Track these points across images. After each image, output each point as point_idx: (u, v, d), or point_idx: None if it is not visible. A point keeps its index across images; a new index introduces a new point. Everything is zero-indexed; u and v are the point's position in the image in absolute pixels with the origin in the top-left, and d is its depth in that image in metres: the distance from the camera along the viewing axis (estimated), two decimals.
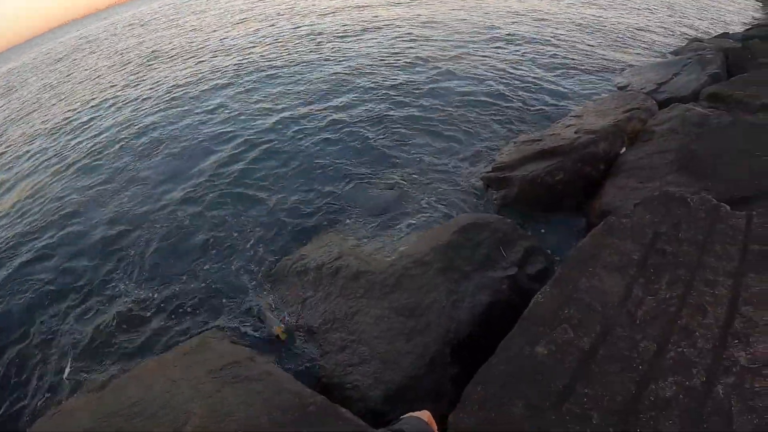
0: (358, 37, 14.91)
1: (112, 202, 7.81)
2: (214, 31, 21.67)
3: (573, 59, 11.78)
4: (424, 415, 1.55)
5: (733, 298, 2.89)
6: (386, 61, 12.00)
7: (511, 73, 10.47)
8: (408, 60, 11.99)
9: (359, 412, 3.34)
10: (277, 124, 9.31)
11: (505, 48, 12.70)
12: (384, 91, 9.89)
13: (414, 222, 5.72)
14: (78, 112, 14.04)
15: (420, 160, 7.07)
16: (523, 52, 12.37)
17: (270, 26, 19.20)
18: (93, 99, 15.06)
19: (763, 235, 3.30)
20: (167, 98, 12.66)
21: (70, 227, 7.39)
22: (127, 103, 13.34)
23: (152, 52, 20.62)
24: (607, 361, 2.62)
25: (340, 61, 12.64)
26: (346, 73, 11.55)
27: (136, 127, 11.05)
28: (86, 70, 21.74)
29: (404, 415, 1.51)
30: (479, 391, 2.66)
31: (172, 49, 19.72)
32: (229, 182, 7.53)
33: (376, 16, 16.99)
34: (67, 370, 4.80)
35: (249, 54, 15.27)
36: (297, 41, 15.67)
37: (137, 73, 17.05)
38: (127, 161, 9.27)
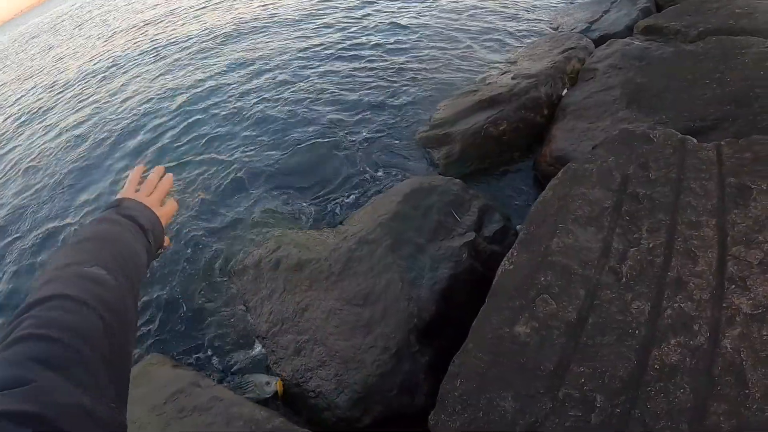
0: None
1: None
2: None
3: (496, 6, 11.41)
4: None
5: (722, 238, 2.59)
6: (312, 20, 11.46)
7: (430, 30, 10.01)
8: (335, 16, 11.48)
9: (330, 422, 3.03)
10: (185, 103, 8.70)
11: (420, 9, 12.20)
12: (312, 52, 9.43)
13: (354, 194, 5.29)
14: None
15: (354, 125, 6.59)
16: (437, 8, 11.90)
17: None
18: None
19: (737, 165, 3.01)
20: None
21: None
22: None
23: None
24: (599, 330, 2.27)
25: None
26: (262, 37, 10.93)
27: None
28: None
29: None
30: (458, 386, 2.27)
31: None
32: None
33: None
34: None
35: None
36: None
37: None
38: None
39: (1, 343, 0.68)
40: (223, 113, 7.83)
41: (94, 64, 13.88)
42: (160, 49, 12.97)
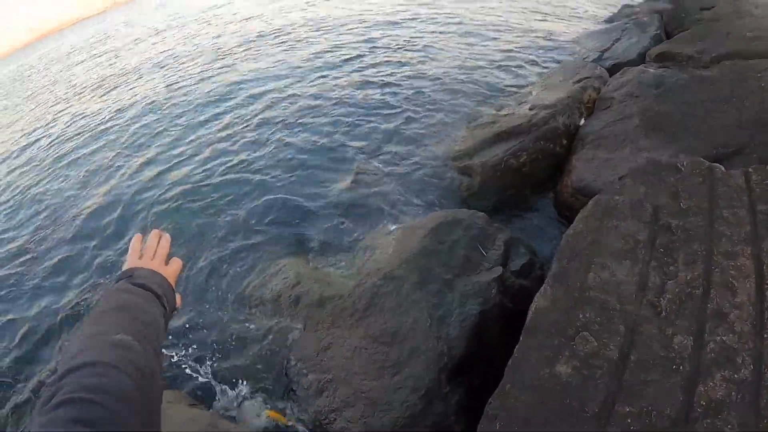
0: (305, 37, 14.45)
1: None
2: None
3: (508, 38, 11.57)
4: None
5: (758, 267, 2.55)
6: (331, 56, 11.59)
7: (446, 63, 10.12)
8: (353, 53, 11.60)
9: None
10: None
11: (436, 34, 12.38)
12: (335, 84, 9.44)
13: (374, 225, 5.24)
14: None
15: (372, 152, 6.62)
16: (452, 35, 12.08)
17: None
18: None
19: (766, 192, 2.99)
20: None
21: None
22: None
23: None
24: (642, 367, 2.22)
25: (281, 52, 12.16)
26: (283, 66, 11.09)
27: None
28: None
29: None
30: (497, 429, 2.20)
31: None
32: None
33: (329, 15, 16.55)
34: None
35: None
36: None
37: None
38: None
39: (44, 406, 0.77)
40: (241, 139, 7.88)
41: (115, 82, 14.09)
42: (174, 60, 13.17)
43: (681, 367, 2.20)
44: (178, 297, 1.38)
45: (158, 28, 22.12)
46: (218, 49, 14.18)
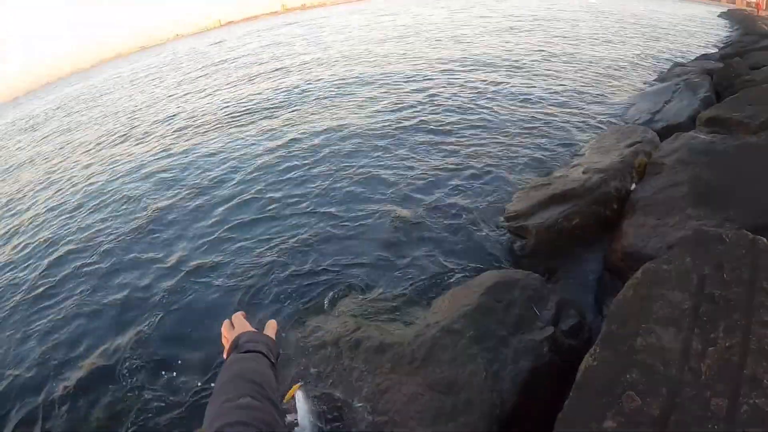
0: (355, 85, 15.12)
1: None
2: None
3: (563, 98, 11.96)
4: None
5: None
6: (382, 111, 12.13)
7: (505, 119, 10.54)
8: (392, 107, 12.13)
9: None
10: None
11: (492, 93, 12.85)
12: (382, 149, 9.88)
13: (433, 281, 5.59)
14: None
15: (429, 207, 7.01)
16: (512, 95, 12.54)
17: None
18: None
19: None
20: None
21: None
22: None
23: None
24: (682, 426, 2.47)
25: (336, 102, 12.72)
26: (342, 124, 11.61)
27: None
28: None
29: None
30: None
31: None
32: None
33: (369, 57, 17.22)
34: None
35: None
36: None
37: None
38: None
39: None
40: (300, 192, 8.40)
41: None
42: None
43: (716, 426, 2.44)
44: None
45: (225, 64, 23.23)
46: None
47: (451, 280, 5.47)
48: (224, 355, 1.50)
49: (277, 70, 22.01)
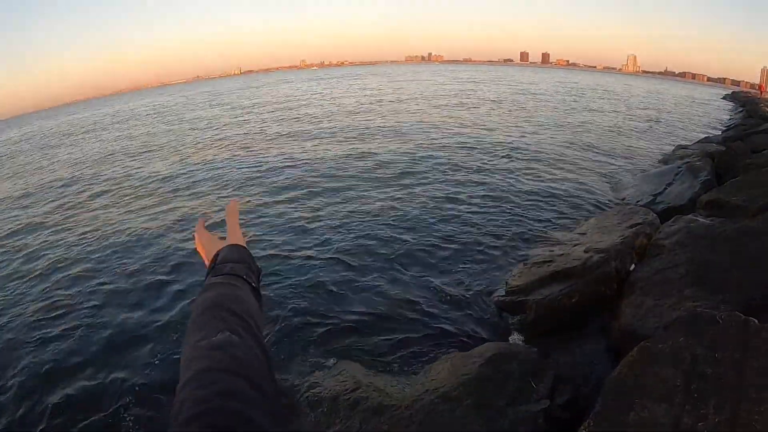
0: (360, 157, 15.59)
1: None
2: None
3: (567, 176, 12.37)
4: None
5: None
6: (381, 182, 12.55)
7: (508, 194, 10.92)
8: (401, 181, 12.54)
9: None
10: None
11: (497, 169, 13.31)
12: (385, 215, 10.24)
13: (432, 346, 5.76)
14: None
15: (429, 283, 7.19)
16: (517, 171, 13.00)
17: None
18: None
19: None
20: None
21: None
22: None
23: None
24: None
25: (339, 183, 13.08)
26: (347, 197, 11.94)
27: None
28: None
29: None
30: None
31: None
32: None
33: (357, 143, 17.76)
34: None
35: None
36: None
37: None
38: None
39: (175, 421, 0.82)
40: (315, 253, 8.55)
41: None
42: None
43: None
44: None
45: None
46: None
47: (451, 348, 5.63)
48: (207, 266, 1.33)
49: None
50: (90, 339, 6.47)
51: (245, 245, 1.39)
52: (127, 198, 13.35)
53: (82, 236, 10.53)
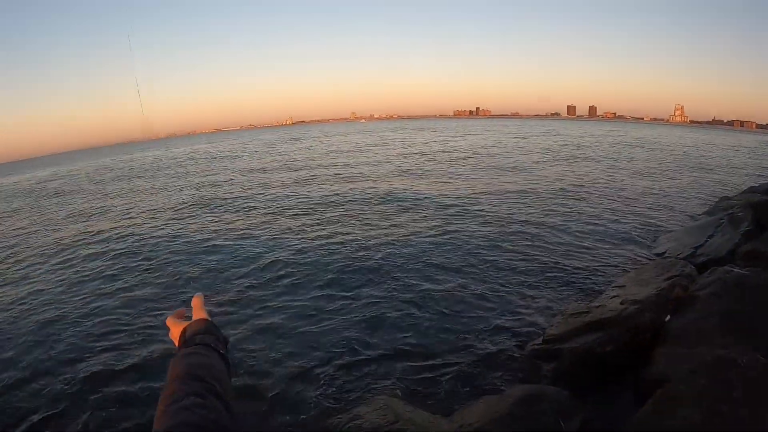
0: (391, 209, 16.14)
1: None
2: None
3: (610, 228, 12.71)
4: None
5: None
6: (422, 235, 13.04)
7: (551, 245, 11.31)
8: (439, 232, 13.02)
9: None
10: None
11: (542, 219, 13.76)
12: (422, 264, 10.66)
13: (468, 390, 6.06)
14: None
15: (467, 332, 7.53)
16: (561, 222, 13.39)
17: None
18: None
19: None
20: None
21: None
22: None
23: None
24: None
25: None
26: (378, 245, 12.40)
27: None
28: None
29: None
30: None
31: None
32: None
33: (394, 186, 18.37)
34: None
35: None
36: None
37: None
38: None
39: None
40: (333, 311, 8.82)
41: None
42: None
43: None
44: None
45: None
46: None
47: (485, 391, 5.94)
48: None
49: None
50: None
51: (210, 320, 1.53)
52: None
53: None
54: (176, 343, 1.47)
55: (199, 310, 1.55)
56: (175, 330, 1.51)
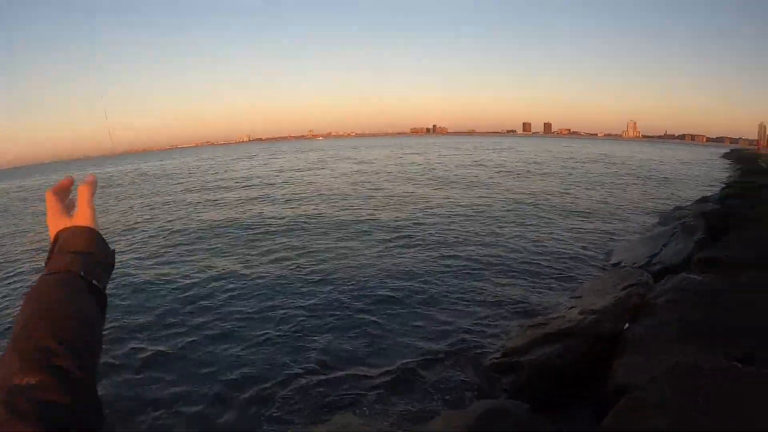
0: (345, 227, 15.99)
1: None
2: None
3: (566, 240, 12.73)
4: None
5: None
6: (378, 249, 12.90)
7: (508, 259, 11.26)
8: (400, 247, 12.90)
9: None
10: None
11: (497, 233, 13.72)
12: (381, 277, 10.57)
13: (427, 406, 5.92)
14: None
15: (425, 348, 7.39)
16: (517, 235, 13.39)
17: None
18: None
19: None
20: None
21: None
22: None
23: None
24: None
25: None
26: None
27: None
28: None
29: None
30: None
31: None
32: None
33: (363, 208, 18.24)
34: None
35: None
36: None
37: None
38: None
39: None
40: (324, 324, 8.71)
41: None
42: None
43: None
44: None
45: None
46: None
47: (446, 404, 5.83)
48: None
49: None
50: None
51: (95, 226, 1.10)
52: None
53: None
54: (51, 235, 1.07)
55: (85, 207, 1.10)
56: (53, 223, 1.09)
